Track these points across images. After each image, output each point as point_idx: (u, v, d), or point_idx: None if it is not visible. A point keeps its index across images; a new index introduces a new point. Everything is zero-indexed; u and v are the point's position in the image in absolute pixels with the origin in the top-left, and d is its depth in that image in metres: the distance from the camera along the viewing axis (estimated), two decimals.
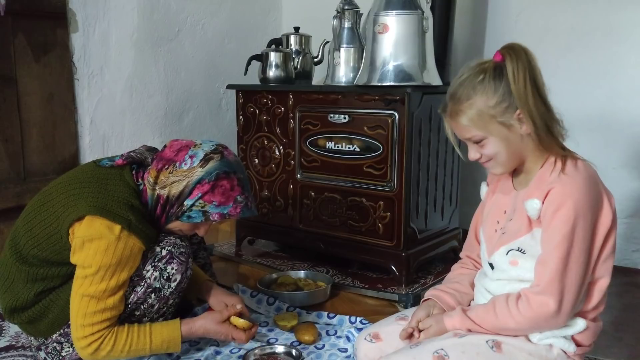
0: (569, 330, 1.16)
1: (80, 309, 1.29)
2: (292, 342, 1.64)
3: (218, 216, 1.37)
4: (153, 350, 1.37)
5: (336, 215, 2.17)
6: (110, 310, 1.31)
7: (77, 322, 1.30)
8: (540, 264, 1.12)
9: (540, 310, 1.10)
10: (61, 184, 1.40)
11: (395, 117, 1.94)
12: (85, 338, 1.29)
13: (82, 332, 1.29)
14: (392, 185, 1.99)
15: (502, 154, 1.17)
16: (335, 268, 2.23)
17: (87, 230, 1.29)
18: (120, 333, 1.32)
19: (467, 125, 1.16)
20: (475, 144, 1.18)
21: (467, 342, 1.16)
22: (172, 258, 1.40)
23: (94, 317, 1.29)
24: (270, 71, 2.37)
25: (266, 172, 2.35)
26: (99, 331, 1.30)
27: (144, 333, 1.35)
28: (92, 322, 1.29)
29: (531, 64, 1.12)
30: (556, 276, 1.09)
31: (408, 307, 1.90)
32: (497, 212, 1.27)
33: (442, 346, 1.15)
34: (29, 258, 1.38)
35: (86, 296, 1.29)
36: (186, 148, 1.40)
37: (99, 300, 1.29)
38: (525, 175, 1.22)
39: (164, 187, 1.37)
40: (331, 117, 2.10)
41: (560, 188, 1.11)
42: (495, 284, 1.24)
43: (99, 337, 1.30)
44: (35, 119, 2.25)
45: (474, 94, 1.14)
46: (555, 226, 1.10)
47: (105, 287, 1.29)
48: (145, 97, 2.61)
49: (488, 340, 1.16)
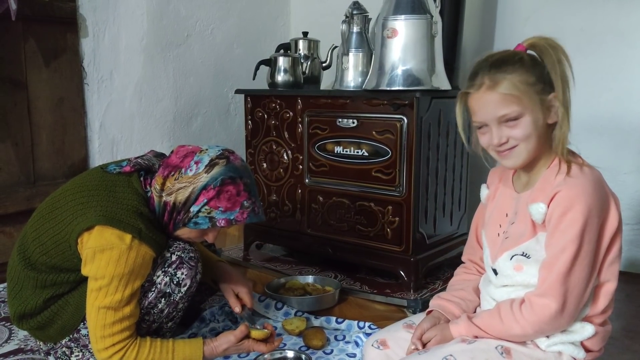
0: (577, 336, 1.15)
1: (99, 321, 1.28)
2: (300, 347, 1.64)
3: (224, 222, 1.36)
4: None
5: (344, 220, 2.16)
6: (128, 319, 1.30)
7: (96, 335, 1.28)
8: (545, 267, 1.11)
9: (542, 312, 1.09)
10: (69, 191, 1.40)
11: (404, 121, 1.94)
12: (106, 350, 1.28)
13: (102, 343, 1.28)
14: (401, 190, 1.98)
15: (532, 139, 1.12)
16: (343, 273, 2.22)
17: (98, 241, 1.28)
18: (143, 346, 1.31)
19: (507, 96, 1.10)
20: (504, 125, 1.12)
21: (476, 348, 1.15)
22: (182, 263, 1.39)
23: (114, 327, 1.28)
24: (279, 76, 2.37)
25: (274, 176, 2.35)
26: (121, 341, 1.29)
27: (166, 349, 1.33)
28: (112, 332, 1.28)
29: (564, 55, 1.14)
30: (559, 278, 1.08)
31: (417, 313, 1.89)
32: (499, 216, 1.26)
33: (451, 352, 1.14)
34: (38, 265, 1.38)
35: (103, 308, 1.28)
36: (192, 154, 1.39)
37: (116, 310, 1.28)
38: (529, 176, 1.20)
39: (170, 194, 1.37)
40: (339, 121, 2.10)
41: (567, 191, 1.09)
42: (500, 290, 1.22)
43: (121, 348, 1.29)
44: (45, 123, 2.27)
45: (515, 67, 1.11)
46: (562, 229, 1.09)
47: (121, 297, 1.28)
48: (154, 102, 2.62)
49: (497, 346, 1.15)
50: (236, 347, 1.41)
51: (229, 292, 1.58)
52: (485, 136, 1.17)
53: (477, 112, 1.16)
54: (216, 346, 1.38)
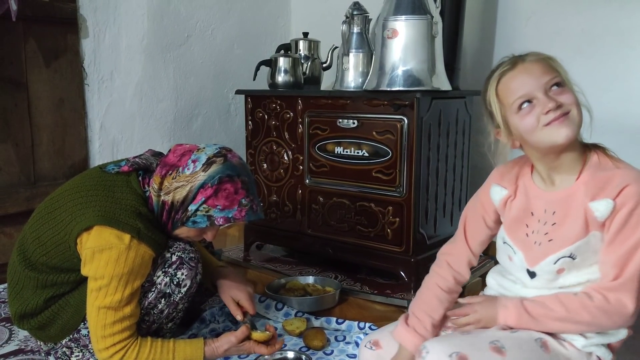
0: (613, 338, 1.14)
1: (99, 321, 1.28)
2: (300, 347, 1.63)
3: (223, 220, 1.36)
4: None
5: (345, 220, 2.16)
6: (128, 319, 1.30)
7: (97, 334, 1.28)
8: (616, 264, 1.08)
9: (617, 306, 1.07)
10: (68, 191, 1.39)
11: (404, 122, 1.93)
12: (107, 349, 1.28)
13: (103, 343, 1.28)
14: (401, 191, 1.98)
15: (579, 108, 1.10)
16: (343, 273, 2.22)
17: (97, 241, 1.28)
18: (143, 346, 1.31)
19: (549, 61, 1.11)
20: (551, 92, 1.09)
21: (519, 338, 1.13)
22: (182, 264, 1.39)
23: (114, 327, 1.28)
24: (279, 76, 2.37)
25: (275, 177, 2.35)
26: (121, 341, 1.29)
27: (167, 349, 1.33)
28: (113, 332, 1.28)
29: None
30: (634, 276, 1.06)
31: None
32: (523, 216, 1.21)
33: (497, 337, 1.11)
34: (38, 265, 1.38)
35: (103, 308, 1.28)
36: (189, 153, 1.39)
37: (116, 310, 1.28)
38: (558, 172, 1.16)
39: (168, 193, 1.36)
40: (340, 122, 2.10)
41: (637, 185, 1.07)
42: (534, 291, 1.18)
43: (122, 348, 1.29)
44: (46, 123, 2.26)
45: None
46: (634, 224, 1.06)
47: (121, 297, 1.28)
48: (155, 102, 2.62)
49: (537, 338, 1.13)
50: (237, 348, 1.41)
51: (228, 300, 1.56)
52: (530, 114, 1.10)
53: (518, 88, 1.11)
54: (217, 347, 1.38)
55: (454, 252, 1.32)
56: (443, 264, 1.31)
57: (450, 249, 1.34)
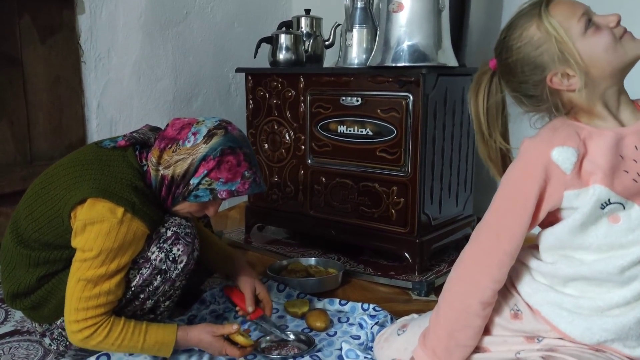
0: None
1: (75, 293, 1.24)
2: (303, 328, 1.60)
3: (226, 193, 1.32)
4: (144, 350, 1.31)
5: (348, 201, 2.11)
6: (106, 295, 1.25)
7: (71, 305, 1.25)
8: None
9: None
10: (62, 166, 1.36)
11: (409, 99, 1.88)
12: (77, 322, 1.24)
13: (75, 315, 1.24)
14: (406, 170, 1.93)
15: None
16: (346, 255, 2.18)
17: (89, 213, 1.24)
18: (115, 325, 1.27)
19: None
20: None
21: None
22: (178, 239, 1.35)
23: (89, 301, 1.24)
24: (281, 54, 2.31)
25: (276, 157, 2.30)
26: (93, 317, 1.25)
27: (139, 330, 1.29)
28: (87, 306, 1.24)
29: None
30: None
31: (422, 295, 1.86)
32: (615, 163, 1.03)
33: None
34: (30, 242, 1.34)
35: (83, 280, 1.24)
36: (189, 125, 1.35)
37: (95, 284, 1.24)
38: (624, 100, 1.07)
39: (168, 167, 1.32)
40: (343, 100, 2.04)
41: None
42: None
43: (92, 324, 1.25)
44: (42, 101, 2.21)
45: None
46: None
47: (104, 272, 1.24)
48: (153, 81, 2.56)
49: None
50: (209, 342, 1.35)
51: (248, 289, 1.50)
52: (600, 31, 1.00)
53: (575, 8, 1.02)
54: (190, 334, 1.34)
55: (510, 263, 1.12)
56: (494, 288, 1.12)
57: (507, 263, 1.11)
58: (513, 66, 1.09)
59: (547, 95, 1.08)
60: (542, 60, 1.05)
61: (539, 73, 1.06)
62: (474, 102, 1.18)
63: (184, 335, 1.34)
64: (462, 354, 1.18)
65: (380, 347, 1.34)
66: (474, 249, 1.16)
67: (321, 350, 1.47)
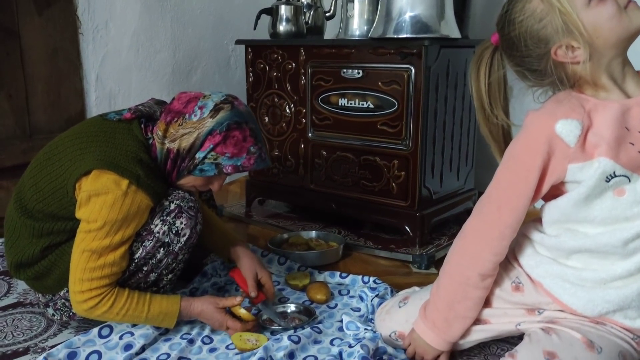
0: None
1: (80, 263, 1.25)
2: (304, 301, 1.61)
3: (231, 168, 1.32)
4: (148, 320, 1.32)
5: (349, 175, 2.11)
6: (110, 267, 1.26)
7: (75, 276, 1.26)
8: None
9: None
10: (67, 138, 1.36)
11: (411, 71, 1.86)
12: (82, 293, 1.25)
13: (80, 286, 1.25)
14: (407, 144, 1.92)
15: None
16: (347, 229, 2.18)
17: (94, 185, 1.24)
18: (119, 296, 1.28)
19: None
20: None
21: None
22: (181, 212, 1.35)
23: (94, 272, 1.24)
24: (281, 25, 2.28)
25: (277, 131, 2.29)
26: (98, 288, 1.25)
27: (143, 300, 1.30)
28: (91, 277, 1.25)
29: None
30: None
31: (422, 268, 1.86)
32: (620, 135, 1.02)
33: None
34: (34, 213, 1.34)
35: (87, 251, 1.24)
36: (195, 99, 1.34)
37: (100, 255, 1.25)
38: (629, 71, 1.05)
39: (173, 141, 1.32)
40: (344, 72, 2.02)
41: None
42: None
43: (97, 295, 1.25)
44: (40, 74, 2.19)
45: None
46: None
47: (109, 243, 1.25)
48: (152, 53, 2.53)
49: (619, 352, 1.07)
50: (211, 314, 1.36)
51: (250, 274, 1.49)
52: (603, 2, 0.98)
53: None
54: (194, 305, 1.35)
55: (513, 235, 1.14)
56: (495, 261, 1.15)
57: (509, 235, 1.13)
58: (516, 40, 1.07)
59: (552, 69, 1.06)
60: (545, 32, 1.03)
61: (542, 46, 1.05)
62: (475, 78, 1.16)
63: (188, 306, 1.35)
64: (462, 326, 1.19)
65: (381, 320, 1.35)
66: (475, 222, 1.16)
67: (322, 322, 1.48)
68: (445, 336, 1.20)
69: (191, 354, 1.33)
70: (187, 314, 1.36)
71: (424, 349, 1.23)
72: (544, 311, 1.16)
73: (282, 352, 1.26)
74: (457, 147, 2.12)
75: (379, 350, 1.27)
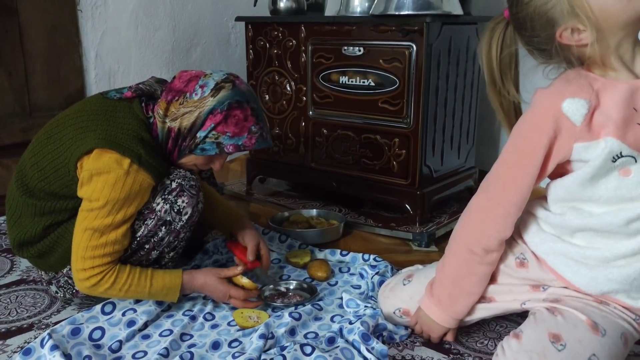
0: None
1: (82, 242, 1.26)
2: (304, 278, 1.62)
3: (232, 147, 1.31)
4: (152, 295, 1.33)
5: (349, 153, 2.11)
6: (112, 245, 1.27)
7: (78, 254, 1.27)
8: None
9: None
10: (68, 116, 1.35)
11: (412, 49, 1.84)
12: (85, 271, 1.26)
13: (82, 264, 1.26)
14: (408, 122, 1.92)
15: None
16: (348, 207, 2.19)
17: (96, 164, 1.24)
18: (121, 272, 1.29)
19: None
20: None
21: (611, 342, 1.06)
22: (183, 191, 1.35)
23: (96, 250, 1.25)
24: (281, 2, 2.26)
25: (277, 109, 2.28)
26: (100, 266, 1.26)
27: (145, 276, 1.31)
28: (94, 255, 1.25)
29: None
30: None
31: (422, 246, 1.87)
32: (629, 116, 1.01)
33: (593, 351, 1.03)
34: (36, 191, 1.34)
35: (89, 229, 1.25)
36: (196, 78, 1.34)
37: (102, 234, 1.25)
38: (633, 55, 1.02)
39: (174, 120, 1.32)
40: (345, 49, 2.00)
41: None
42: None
43: (99, 272, 1.26)
44: (39, 51, 2.18)
45: None
46: None
47: (111, 222, 1.25)
48: (151, 31, 2.51)
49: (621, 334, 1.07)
50: (214, 285, 1.37)
51: (252, 242, 1.51)
52: None
53: None
54: (196, 277, 1.36)
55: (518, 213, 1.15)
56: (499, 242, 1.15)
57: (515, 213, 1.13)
58: (523, 21, 1.06)
59: (558, 50, 1.05)
60: (552, 14, 1.01)
61: (549, 28, 1.03)
62: (486, 52, 1.13)
63: (190, 279, 1.36)
64: (467, 302, 1.20)
65: (385, 297, 1.36)
66: (480, 199, 1.16)
67: (322, 299, 1.49)
68: (451, 313, 1.21)
69: (193, 330, 1.35)
70: (190, 287, 1.37)
71: (430, 327, 1.24)
72: (549, 287, 1.16)
73: (283, 329, 1.28)
74: (459, 125, 2.11)
75: (378, 326, 1.29)
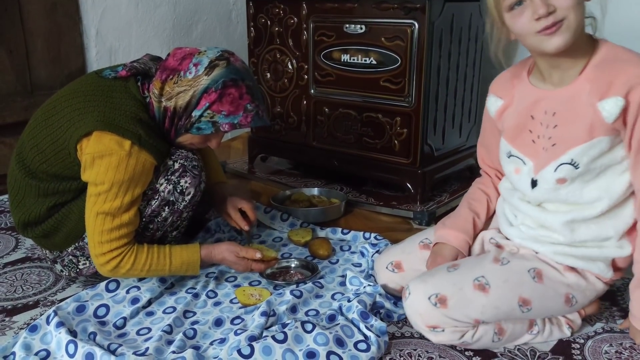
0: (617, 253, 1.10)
1: (97, 227, 1.26)
2: (306, 256, 1.64)
3: (228, 126, 1.31)
4: (172, 272, 1.35)
5: (351, 132, 2.11)
6: (126, 226, 1.28)
7: (94, 240, 1.27)
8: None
9: None
10: (64, 97, 1.34)
11: (414, 27, 1.83)
12: (104, 255, 1.28)
13: (100, 249, 1.27)
14: (410, 101, 1.91)
15: (579, 10, 0.98)
16: (349, 186, 2.20)
17: (97, 147, 1.24)
18: (140, 252, 1.30)
19: None
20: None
21: (509, 270, 1.11)
22: (185, 171, 1.36)
23: (111, 233, 1.27)
24: None
25: (278, 87, 2.27)
26: (118, 248, 1.28)
27: (163, 254, 1.33)
28: (110, 238, 1.27)
29: None
30: None
31: (423, 225, 1.89)
32: (525, 121, 1.15)
33: (482, 273, 1.10)
34: (38, 173, 1.35)
35: (101, 214, 1.26)
36: (190, 56, 1.32)
37: (114, 217, 1.26)
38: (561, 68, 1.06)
39: (170, 99, 1.31)
40: (347, 27, 1.99)
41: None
42: (533, 210, 1.15)
43: (118, 254, 1.28)
44: (39, 29, 2.16)
45: None
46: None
47: (120, 204, 1.26)
48: (152, 8, 2.49)
49: (530, 269, 1.11)
50: (234, 261, 1.40)
51: (232, 210, 1.53)
52: (522, 15, 1.00)
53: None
54: (214, 252, 1.39)
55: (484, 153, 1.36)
56: (483, 171, 1.38)
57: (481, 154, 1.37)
58: None
59: None
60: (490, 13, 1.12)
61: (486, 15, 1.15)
62: None
63: (208, 253, 1.38)
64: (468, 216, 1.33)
65: (377, 259, 1.42)
66: None
67: (324, 277, 1.51)
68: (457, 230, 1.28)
69: (196, 307, 1.37)
70: (209, 261, 1.40)
71: (443, 254, 1.27)
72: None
73: (284, 306, 1.30)
74: (460, 104, 2.11)
75: (376, 304, 1.31)
